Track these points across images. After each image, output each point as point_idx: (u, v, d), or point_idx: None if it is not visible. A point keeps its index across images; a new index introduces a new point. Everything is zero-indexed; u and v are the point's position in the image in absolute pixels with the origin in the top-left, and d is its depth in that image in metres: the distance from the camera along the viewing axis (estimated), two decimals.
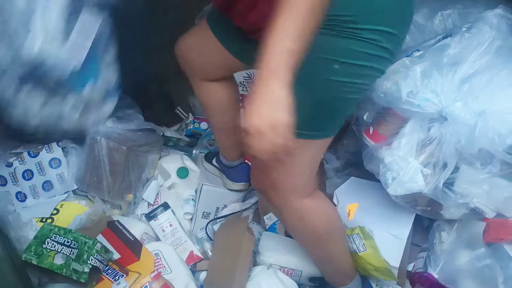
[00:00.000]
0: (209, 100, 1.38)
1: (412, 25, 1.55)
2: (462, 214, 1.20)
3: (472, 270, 1.22)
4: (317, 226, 1.16)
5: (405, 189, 1.17)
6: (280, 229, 1.44)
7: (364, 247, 1.27)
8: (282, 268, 1.35)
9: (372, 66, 0.90)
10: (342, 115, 1.02)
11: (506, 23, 1.13)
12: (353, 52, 0.86)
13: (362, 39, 0.85)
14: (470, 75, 1.11)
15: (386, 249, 1.27)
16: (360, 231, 1.28)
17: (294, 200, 1.10)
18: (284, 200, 1.11)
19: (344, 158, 1.62)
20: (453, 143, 1.09)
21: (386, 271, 1.26)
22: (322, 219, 1.16)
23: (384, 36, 0.87)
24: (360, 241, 1.27)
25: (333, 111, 0.97)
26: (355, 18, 0.84)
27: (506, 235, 1.19)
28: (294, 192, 1.09)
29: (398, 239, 1.29)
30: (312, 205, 1.13)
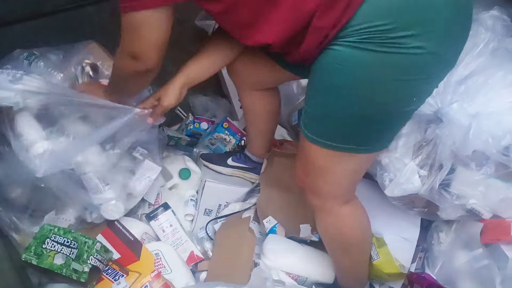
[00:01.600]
0: (254, 107, 1.43)
1: None
2: (459, 215, 1.20)
3: (470, 271, 1.22)
4: (350, 235, 1.16)
5: (402, 190, 1.18)
6: (280, 231, 1.44)
7: (378, 255, 1.28)
8: (287, 274, 1.34)
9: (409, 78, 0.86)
10: (393, 129, 1.00)
11: (502, 24, 1.13)
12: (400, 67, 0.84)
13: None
14: (466, 77, 1.12)
15: (398, 252, 1.28)
16: (375, 241, 1.29)
17: (332, 206, 1.11)
18: (324, 205, 1.11)
19: None
20: (449, 145, 1.09)
21: (398, 274, 1.28)
22: (356, 228, 1.17)
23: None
24: (374, 250, 1.28)
25: (376, 127, 0.95)
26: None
27: (504, 236, 1.19)
28: (333, 199, 1.10)
29: (408, 241, 1.30)
30: (348, 214, 1.13)
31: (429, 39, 0.82)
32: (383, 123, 0.95)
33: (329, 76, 0.90)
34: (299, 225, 1.41)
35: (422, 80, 0.87)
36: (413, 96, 0.91)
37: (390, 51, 0.81)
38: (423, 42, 0.81)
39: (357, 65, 0.85)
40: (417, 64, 0.84)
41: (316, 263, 1.34)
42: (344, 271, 1.31)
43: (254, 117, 1.47)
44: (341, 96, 0.90)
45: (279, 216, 1.44)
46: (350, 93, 0.89)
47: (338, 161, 1.00)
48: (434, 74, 0.89)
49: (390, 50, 0.81)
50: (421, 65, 0.85)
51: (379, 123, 0.94)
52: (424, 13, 0.81)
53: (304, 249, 1.37)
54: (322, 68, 0.91)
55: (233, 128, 1.82)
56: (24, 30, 1.55)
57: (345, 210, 1.12)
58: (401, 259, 1.26)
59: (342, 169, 1.03)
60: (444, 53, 0.87)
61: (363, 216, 1.19)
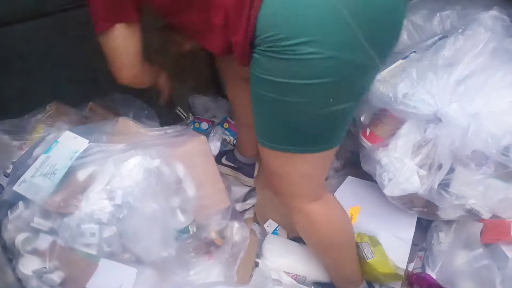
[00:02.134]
0: (240, 98, 1.42)
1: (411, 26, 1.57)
2: (458, 215, 1.20)
3: (470, 271, 1.22)
4: (326, 232, 1.16)
5: (401, 190, 1.18)
6: (282, 233, 1.45)
7: (372, 254, 1.27)
8: (286, 273, 1.35)
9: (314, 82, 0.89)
10: (323, 130, 1.00)
11: (501, 24, 1.13)
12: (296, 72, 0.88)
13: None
14: (465, 77, 1.12)
15: (392, 251, 1.27)
16: (369, 240, 1.28)
17: (300, 205, 1.11)
18: (291, 204, 1.13)
19: (343, 157, 1.62)
20: (448, 145, 1.09)
21: (393, 275, 1.27)
22: (332, 226, 1.16)
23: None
24: (368, 249, 1.27)
25: (306, 129, 0.98)
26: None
27: (504, 236, 1.19)
28: (299, 198, 1.10)
29: (403, 241, 1.29)
30: (319, 211, 1.13)
31: (323, 44, 0.84)
32: (311, 126, 0.97)
33: (253, 84, 0.96)
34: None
35: (331, 83, 0.89)
36: (327, 97, 0.92)
37: (289, 58, 0.86)
38: (317, 48, 0.84)
39: (269, 71, 0.90)
40: (318, 68, 0.87)
41: (315, 263, 1.34)
42: (331, 271, 1.31)
43: (240, 109, 1.46)
44: (264, 102, 0.96)
45: (278, 218, 1.45)
46: (270, 99, 0.94)
47: (288, 163, 1.03)
48: (347, 76, 0.90)
49: (288, 56, 0.86)
50: (323, 69, 0.87)
51: (307, 126, 0.97)
52: (309, 22, 0.84)
53: (303, 249, 1.37)
54: (250, 75, 0.96)
55: (233, 128, 1.82)
56: (24, 30, 1.55)
57: (315, 208, 1.11)
58: (396, 259, 1.26)
59: (295, 170, 1.05)
60: (350, 56, 0.87)
61: (337, 213, 1.19)
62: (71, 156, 1.06)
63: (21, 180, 1.04)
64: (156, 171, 1.06)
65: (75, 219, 1.00)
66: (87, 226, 1.00)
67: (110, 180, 1.03)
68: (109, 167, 1.04)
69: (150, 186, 1.04)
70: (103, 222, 1.00)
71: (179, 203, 1.08)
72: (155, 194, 1.05)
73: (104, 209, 1.00)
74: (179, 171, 1.11)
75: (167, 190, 1.07)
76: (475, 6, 1.40)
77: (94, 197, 1.01)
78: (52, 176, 1.03)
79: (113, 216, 1.00)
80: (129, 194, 1.02)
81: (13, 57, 1.59)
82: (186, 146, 1.15)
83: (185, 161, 1.12)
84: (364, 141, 1.28)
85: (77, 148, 1.07)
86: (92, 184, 1.03)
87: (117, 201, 1.01)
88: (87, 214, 1.00)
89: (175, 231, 1.09)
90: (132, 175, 1.04)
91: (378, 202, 1.36)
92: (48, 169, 1.04)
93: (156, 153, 1.08)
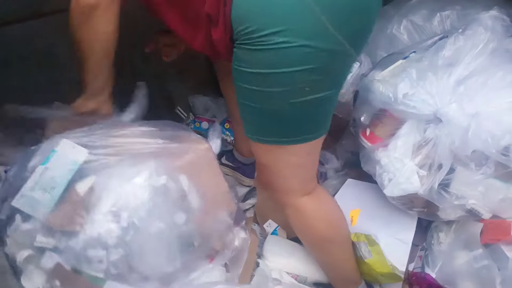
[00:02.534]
0: (230, 95, 1.43)
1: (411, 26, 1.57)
2: (458, 216, 1.20)
3: (470, 271, 1.22)
4: (318, 227, 1.16)
5: (401, 190, 1.18)
6: (282, 234, 1.45)
7: (370, 253, 1.26)
8: (287, 273, 1.35)
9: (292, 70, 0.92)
10: (304, 120, 1.01)
11: (501, 24, 1.13)
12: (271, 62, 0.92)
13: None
14: (465, 77, 1.12)
15: (392, 253, 1.26)
16: (365, 239, 1.28)
17: (292, 199, 1.12)
18: (283, 199, 1.14)
19: (343, 158, 1.62)
20: (448, 145, 1.09)
21: (392, 275, 1.26)
22: (324, 221, 1.16)
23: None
24: (366, 248, 1.27)
25: (287, 119, 1.00)
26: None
27: (504, 236, 1.19)
28: (290, 193, 1.11)
29: (403, 243, 1.29)
30: (310, 206, 1.13)
31: (293, 33, 0.87)
32: (290, 117, 0.99)
33: (235, 77, 0.99)
34: None
35: (306, 71, 0.91)
36: (303, 86, 0.94)
37: (262, 48, 0.89)
38: (288, 37, 0.87)
39: (247, 63, 0.93)
40: (291, 57, 0.90)
41: (315, 263, 1.34)
42: (326, 269, 1.31)
43: (235, 107, 1.46)
44: (245, 95, 0.99)
45: (278, 218, 1.45)
46: (250, 91, 0.97)
47: (274, 155, 1.06)
48: (320, 63, 0.92)
49: (262, 47, 0.89)
50: (296, 57, 0.90)
51: (286, 117, 0.99)
52: (278, 12, 0.87)
53: (303, 249, 1.36)
54: (232, 70, 0.99)
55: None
56: (24, 30, 1.55)
57: (306, 202, 1.12)
58: (395, 261, 1.25)
59: (282, 163, 1.07)
60: (321, 44, 0.90)
61: (328, 208, 1.19)
62: (70, 168, 1.01)
63: (19, 194, 0.99)
64: (162, 189, 1.03)
65: (80, 243, 0.96)
66: (93, 252, 0.96)
67: (115, 201, 0.99)
68: (113, 185, 1.00)
69: (156, 205, 1.01)
70: (110, 246, 0.97)
71: (185, 219, 1.05)
72: (161, 213, 1.02)
73: (110, 233, 0.97)
74: (184, 184, 1.08)
75: (173, 207, 1.04)
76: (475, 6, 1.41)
77: (99, 220, 0.97)
78: (51, 191, 0.98)
79: (120, 240, 0.97)
80: (135, 215, 0.99)
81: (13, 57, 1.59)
82: (189, 155, 1.12)
83: (189, 172, 1.10)
84: (364, 141, 1.28)
85: (76, 159, 1.02)
86: (97, 204, 0.99)
87: (123, 223, 0.98)
88: (93, 238, 0.96)
89: (180, 245, 1.06)
90: (137, 195, 1.00)
91: (378, 203, 1.37)
92: (48, 182, 0.99)
93: (162, 168, 1.04)
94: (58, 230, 0.96)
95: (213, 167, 1.18)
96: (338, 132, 1.56)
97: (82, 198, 0.99)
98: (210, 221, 1.12)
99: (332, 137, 1.58)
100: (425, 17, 1.54)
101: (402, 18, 1.59)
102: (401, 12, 1.61)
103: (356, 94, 1.45)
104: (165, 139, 1.12)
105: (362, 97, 1.33)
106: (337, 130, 1.56)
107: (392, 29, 1.60)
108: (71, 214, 0.98)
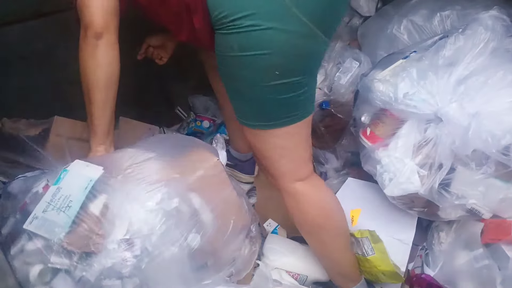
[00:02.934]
0: (220, 89, 1.44)
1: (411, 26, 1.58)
2: (459, 215, 1.20)
3: (470, 271, 1.22)
4: (312, 213, 1.18)
5: (402, 190, 1.18)
6: (282, 233, 1.45)
7: (372, 250, 1.26)
8: (287, 272, 1.34)
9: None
10: (279, 103, 1.04)
11: (501, 24, 1.14)
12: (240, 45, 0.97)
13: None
14: (465, 77, 1.12)
15: (392, 254, 1.26)
16: (369, 234, 1.27)
17: (286, 184, 1.15)
18: (278, 184, 1.17)
19: (343, 157, 1.62)
20: (448, 144, 1.10)
21: (393, 274, 1.26)
22: (316, 207, 1.18)
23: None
24: (369, 245, 1.26)
25: (263, 103, 1.04)
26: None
27: (504, 236, 1.19)
28: (283, 176, 1.15)
29: (403, 243, 1.29)
30: (306, 191, 1.16)
31: (260, 17, 0.92)
32: (266, 101, 1.03)
33: (218, 64, 1.04)
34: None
35: (274, 55, 0.95)
36: (273, 69, 0.97)
37: (233, 32, 0.95)
38: (256, 20, 0.92)
39: (224, 47, 0.99)
40: (259, 39, 0.94)
41: (316, 262, 1.34)
42: (324, 262, 1.31)
43: (226, 101, 1.47)
44: (227, 80, 1.06)
45: (278, 217, 1.45)
46: (230, 75, 1.04)
47: (262, 139, 1.10)
48: (288, 47, 0.96)
49: (233, 31, 0.95)
50: (263, 40, 0.94)
51: (262, 101, 1.03)
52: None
53: (304, 248, 1.37)
54: (216, 57, 1.04)
55: None
56: (24, 30, 1.55)
57: (300, 188, 1.15)
58: (395, 261, 1.25)
59: (269, 146, 1.11)
60: (287, 27, 0.94)
61: (323, 196, 1.21)
62: (86, 185, 0.97)
63: (32, 216, 0.95)
64: (174, 212, 1.01)
65: (95, 273, 0.93)
66: (108, 282, 0.93)
67: (127, 227, 0.97)
68: (126, 211, 0.97)
69: (168, 230, 0.99)
70: (125, 276, 0.94)
71: (198, 241, 1.04)
72: (174, 236, 1.00)
73: (125, 262, 0.94)
74: (195, 203, 1.07)
75: (186, 229, 1.02)
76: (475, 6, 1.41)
77: (114, 249, 0.94)
78: (67, 210, 0.94)
79: (134, 268, 0.95)
80: (147, 242, 0.96)
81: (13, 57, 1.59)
82: (200, 172, 1.10)
83: (200, 189, 1.08)
84: (365, 141, 1.28)
85: (91, 176, 0.99)
86: (111, 232, 0.95)
87: (136, 251, 0.95)
88: (107, 268, 0.93)
89: (194, 267, 1.05)
90: (149, 220, 0.98)
91: (378, 203, 1.37)
92: (62, 201, 0.96)
93: (173, 190, 1.02)
94: (75, 251, 0.93)
95: (223, 180, 1.17)
96: (338, 132, 1.56)
97: (98, 218, 0.96)
98: (223, 236, 1.11)
99: (332, 137, 1.58)
100: (425, 17, 1.54)
101: (402, 18, 1.59)
102: (401, 12, 1.61)
103: (357, 94, 1.45)
104: (174, 156, 1.12)
105: (363, 96, 1.33)
106: (337, 130, 1.56)
107: (392, 29, 1.60)
108: (88, 235, 0.94)
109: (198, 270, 1.05)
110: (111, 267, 0.93)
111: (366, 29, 1.76)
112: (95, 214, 0.96)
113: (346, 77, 1.54)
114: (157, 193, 1.00)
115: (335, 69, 1.59)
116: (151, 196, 0.99)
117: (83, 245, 0.93)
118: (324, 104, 1.58)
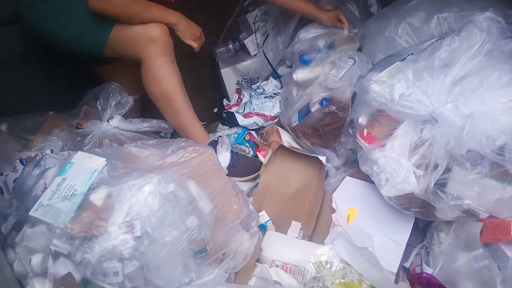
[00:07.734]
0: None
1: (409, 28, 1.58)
2: (456, 216, 1.20)
3: (470, 271, 1.21)
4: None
5: (398, 190, 1.18)
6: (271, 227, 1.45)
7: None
8: (284, 265, 1.34)
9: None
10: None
11: (496, 26, 1.14)
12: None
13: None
14: (461, 78, 1.12)
15: (385, 254, 1.27)
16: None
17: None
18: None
19: (344, 156, 1.62)
20: (443, 145, 1.10)
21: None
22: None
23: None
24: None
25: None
26: None
27: (503, 236, 1.18)
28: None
29: (397, 244, 1.29)
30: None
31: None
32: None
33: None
34: (291, 220, 1.43)
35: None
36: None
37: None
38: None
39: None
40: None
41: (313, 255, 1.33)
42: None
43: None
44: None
45: (273, 209, 1.46)
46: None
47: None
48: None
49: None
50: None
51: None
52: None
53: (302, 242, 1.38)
54: None
55: (253, 140, 1.80)
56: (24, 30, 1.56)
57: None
58: (387, 261, 1.25)
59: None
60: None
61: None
62: (90, 175, 1.03)
63: (37, 204, 1.00)
64: (172, 197, 1.05)
65: (96, 255, 0.96)
66: (109, 264, 0.96)
67: (127, 211, 1.00)
68: (125, 196, 1.02)
69: (166, 212, 1.02)
70: (125, 258, 0.97)
71: (197, 224, 1.06)
72: (173, 220, 1.03)
73: (125, 244, 0.97)
74: (192, 190, 1.11)
75: (183, 213, 1.06)
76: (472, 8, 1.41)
77: (114, 232, 0.98)
78: (72, 198, 1.00)
79: (135, 250, 0.98)
80: (147, 224, 1.00)
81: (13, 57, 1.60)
82: (195, 160, 1.16)
83: (196, 177, 1.13)
84: (362, 142, 1.29)
85: (95, 167, 1.05)
86: (111, 215, 1.00)
87: (137, 233, 0.99)
88: (108, 250, 0.96)
89: (193, 252, 1.07)
90: (148, 203, 1.01)
91: (375, 203, 1.37)
92: (67, 190, 1.01)
93: (170, 176, 1.06)
94: (78, 236, 0.96)
95: (219, 172, 1.22)
96: (338, 130, 1.56)
97: (100, 206, 1.00)
98: (221, 225, 1.13)
99: (332, 135, 1.59)
100: (423, 20, 1.54)
101: (400, 20, 1.60)
102: (399, 14, 1.62)
103: (354, 95, 1.45)
104: (172, 150, 1.18)
105: (360, 98, 1.33)
106: (337, 128, 1.57)
107: (391, 32, 1.60)
108: (91, 220, 0.98)
109: (199, 256, 1.08)
110: (112, 249, 0.96)
111: (366, 31, 1.77)
112: (98, 201, 1.01)
113: (340, 73, 1.56)
114: (154, 177, 1.04)
115: (331, 66, 1.64)
116: (148, 181, 1.03)
117: (87, 229, 0.97)
118: (325, 101, 1.60)
